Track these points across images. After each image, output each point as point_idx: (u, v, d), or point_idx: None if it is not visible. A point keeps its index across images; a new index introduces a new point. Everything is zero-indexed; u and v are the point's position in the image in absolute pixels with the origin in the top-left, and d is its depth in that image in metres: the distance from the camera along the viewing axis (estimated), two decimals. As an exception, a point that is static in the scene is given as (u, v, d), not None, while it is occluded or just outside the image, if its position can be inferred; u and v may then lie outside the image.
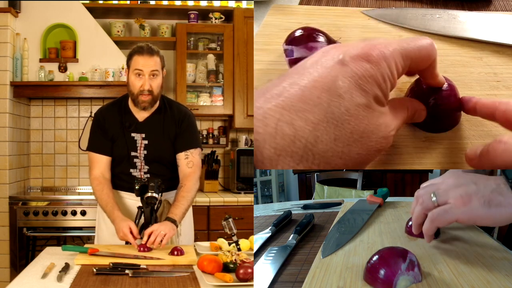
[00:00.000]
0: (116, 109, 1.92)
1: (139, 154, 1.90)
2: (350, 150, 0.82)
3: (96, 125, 1.93)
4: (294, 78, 0.83)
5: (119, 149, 1.90)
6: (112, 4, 3.36)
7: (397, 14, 1.58)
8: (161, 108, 1.92)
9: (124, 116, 1.91)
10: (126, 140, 1.89)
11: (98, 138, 1.92)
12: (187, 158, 1.92)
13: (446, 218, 0.95)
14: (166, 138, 1.91)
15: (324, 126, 0.79)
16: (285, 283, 1.01)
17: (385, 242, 1.17)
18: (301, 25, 1.32)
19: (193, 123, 1.97)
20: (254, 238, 1.42)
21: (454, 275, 0.91)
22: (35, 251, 2.96)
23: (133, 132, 1.90)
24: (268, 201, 5.34)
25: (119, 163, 1.92)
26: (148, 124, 1.90)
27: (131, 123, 1.90)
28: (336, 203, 1.92)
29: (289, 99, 0.79)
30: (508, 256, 1.01)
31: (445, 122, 1.10)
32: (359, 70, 0.85)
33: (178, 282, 1.35)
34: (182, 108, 1.99)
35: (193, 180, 1.90)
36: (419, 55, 0.94)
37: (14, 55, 3.06)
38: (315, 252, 1.15)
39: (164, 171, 1.92)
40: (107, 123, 1.91)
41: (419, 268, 0.90)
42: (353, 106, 0.82)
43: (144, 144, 1.90)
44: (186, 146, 1.92)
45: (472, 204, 0.93)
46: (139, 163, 1.90)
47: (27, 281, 1.35)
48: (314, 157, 0.79)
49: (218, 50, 3.40)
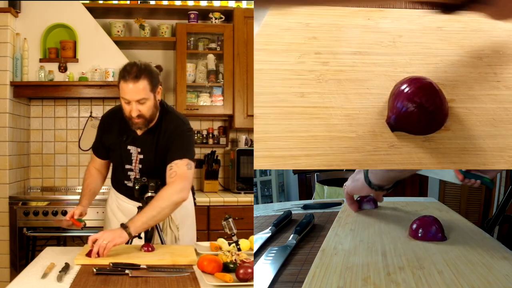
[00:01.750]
0: (118, 118, 1.88)
1: (134, 167, 1.89)
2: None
3: (100, 130, 1.97)
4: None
5: (115, 159, 1.95)
6: (112, 4, 3.36)
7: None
8: (158, 123, 1.85)
9: (123, 127, 1.87)
10: (121, 152, 1.89)
11: (99, 143, 1.98)
12: (171, 169, 1.80)
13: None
14: (159, 152, 1.85)
15: None
16: (285, 283, 1.01)
17: (385, 242, 1.17)
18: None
19: (183, 134, 1.85)
20: (254, 238, 1.42)
21: (454, 275, 0.91)
22: (35, 251, 2.96)
23: (129, 145, 1.88)
24: (268, 201, 5.34)
25: (117, 172, 1.97)
26: (144, 139, 1.86)
27: (128, 135, 1.87)
28: (336, 203, 1.92)
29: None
30: (508, 256, 1.01)
31: (430, 123, 1.10)
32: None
33: (178, 282, 1.35)
34: (173, 119, 1.88)
35: (168, 190, 1.75)
36: None
37: (14, 55, 3.06)
38: (315, 252, 1.15)
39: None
40: (107, 131, 1.92)
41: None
42: None
43: (139, 159, 1.88)
44: (172, 157, 1.81)
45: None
46: (133, 176, 1.90)
47: (27, 281, 1.35)
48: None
49: (218, 50, 3.39)
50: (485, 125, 1.13)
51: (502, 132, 1.11)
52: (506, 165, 1.04)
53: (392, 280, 0.91)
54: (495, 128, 1.12)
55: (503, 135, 1.11)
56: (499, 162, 1.05)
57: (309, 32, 1.51)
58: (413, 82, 1.12)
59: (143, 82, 1.73)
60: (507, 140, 1.09)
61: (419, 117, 1.10)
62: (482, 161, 1.05)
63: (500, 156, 1.06)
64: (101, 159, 2.00)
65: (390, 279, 0.91)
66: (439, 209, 1.61)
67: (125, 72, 1.75)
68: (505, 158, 1.05)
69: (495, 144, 1.08)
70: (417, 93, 1.10)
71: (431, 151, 1.07)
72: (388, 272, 0.95)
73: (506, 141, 1.09)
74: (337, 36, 1.42)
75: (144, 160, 1.87)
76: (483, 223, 2.65)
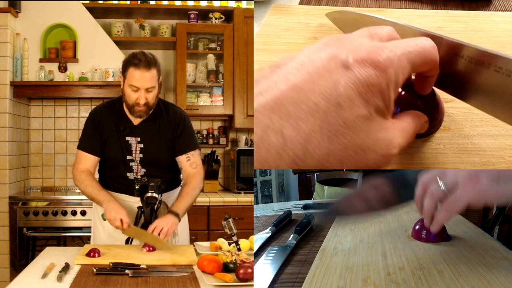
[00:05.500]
0: (111, 111, 1.89)
1: (135, 158, 1.88)
2: (342, 166, 0.72)
3: (93, 125, 1.89)
4: (287, 70, 0.73)
5: (114, 152, 1.88)
6: (112, 4, 3.36)
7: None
8: (157, 111, 1.88)
9: (119, 119, 1.88)
10: (121, 144, 1.87)
11: (92, 138, 1.89)
12: (189, 160, 1.91)
13: (459, 205, 0.88)
14: (162, 141, 1.89)
15: (317, 138, 0.69)
16: (285, 283, 1.01)
17: (385, 242, 1.17)
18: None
19: (189, 124, 1.95)
20: (254, 238, 1.42)
21: (454, 275, 0.91)
22: (35, 251, 2.96)
23: (128, 136, 1.88)
24: (268, 201, 5.34)
25: (116, 167, 1.90)
26: (143, 128, 1.88)
27: (126, 126, 1.87)
28: (336, 203, 1.92)
29: (280, 100, 0.69)
30: (508, 256, 1.01)
31: (428, 126, 1.08)
32: (363, 76, 0.74)
33: (178, 282, 1.35)
34: (177, 110, 1.96)
35: (198, 179, 1.91)
36: (422, 59, 0.84)
37: (14, 55, 3.06)
38: (315, 252, 1.15)
39: (161, 173, 1.90)
40: (103, 125, 1.88)
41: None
42: (351, 117, 0.72)
43: (139, 148, 1.88)
44: (186, 148, 1.91)
45: (481, 183, 0.85)
46: (135, 166, 1.89)
47: (27, 281, 1.35)
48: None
49: (218, 50, 3.40)
50: (485, 125, 1.13)
51: (502, 132, 1.11)
52: (506, 165, 1.04)
53: (392, 280, 0.91)
54: (495, 128, 1.12)
55: (503, 135, 1.11)
56: (499, 162, 1.05)
57: (309, 32, 1.51)
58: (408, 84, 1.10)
59: (153, 70, 1.78)
60: (507, 140, 1.09)
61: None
62: (482, 161, 1.05)
63: (500, 156, 1.06)
64: (95, 156, 1.89)
65: (390, 279, 0.91)
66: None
67: (136, 59, 1.76)
68: (505, 158, 1.05)
69: (495, 144, 1.08)
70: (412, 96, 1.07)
71: (431, 151, 1.07)
72: (388, 272, 0.95)
73: (506, 141, 1.09)
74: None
75: (144, 149, 1.88)
76: (483, 223, 2.65)
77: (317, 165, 0.70)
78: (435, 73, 0.93)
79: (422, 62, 0.85)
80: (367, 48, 0.78)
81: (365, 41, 0.82)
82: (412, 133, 0.89)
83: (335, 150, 0.71)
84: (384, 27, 0.91)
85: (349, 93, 0.72)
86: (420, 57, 0.83)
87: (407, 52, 0.81)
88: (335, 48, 0.77)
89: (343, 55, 0.75)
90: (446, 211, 0.91)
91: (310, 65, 0.74)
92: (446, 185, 0.91)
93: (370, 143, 0.74)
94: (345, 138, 0.71)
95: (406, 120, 0.88)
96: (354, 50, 0.77)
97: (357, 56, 0.75)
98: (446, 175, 0.91)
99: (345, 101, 0.72)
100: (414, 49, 0.82)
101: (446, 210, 0.91)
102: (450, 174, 0.91)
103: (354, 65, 0.74)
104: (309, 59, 0.76)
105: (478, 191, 0.86)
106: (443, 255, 1.03)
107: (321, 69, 0.74)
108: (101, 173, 1.98)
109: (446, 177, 0.91)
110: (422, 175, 0.98)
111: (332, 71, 0.73)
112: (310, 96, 0.70)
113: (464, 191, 0.87)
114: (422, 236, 1.14)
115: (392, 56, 0.78)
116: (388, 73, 0.76)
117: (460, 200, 0.88)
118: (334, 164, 0.71)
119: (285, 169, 0.73)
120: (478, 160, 1.05)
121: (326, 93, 0.71)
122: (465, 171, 0.89)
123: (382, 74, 0.76)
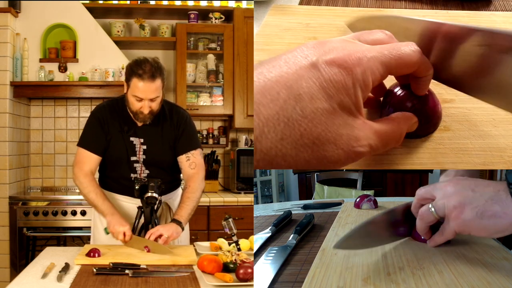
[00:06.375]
0: (114, 111, 1.87)
1: (139, 159, 1.87)
2: (297, 154, 0.77)
3: (98, 125, 1.85)
4: (265, 68, 0.81)
5: (118, 152, 1.86)
6: (112, 4, 3.36)
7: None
8: (160, 115, 1.86)
9: (122, 119, 1.86)
10: (125, 144, 1.85)
11: (97, 137, 1.85)
12: (189, 159, 1.90)
13: (447, 235, 1.00)
14: (166, 143, 1.88)
15: (273, 123, 0.76)
16: (285, 283, 1.01)
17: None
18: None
19: (191, 124, 1.94)
20: (254, 238, 1.42)
21: (454, 275, 0.91)
22: (35, 251, 2.96)
23: (132, 136, 1.86)
24: (268, 201, 5.34)
25: (118, 167, 1.88)
26: (146, 129, 1.86)
27: (129, 127, 1.86)
28: (336, 203, 1.92)
29: (255, 90, 0.78)
30: (508, 256, 1.01)
31: (424, 127, 1.08)
32: (328, 74, 0.81)
33: (178, 282, 1.35)
34: (180, 111, 1.95)
35: (197, 181, 1.90)
36: (399, 62, 0.90)
37: (14, 55, 3.06)
38: (315, 252, 1.15)
39: (164, 174, 1.90)
40: (108, 124, 1.85)
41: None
42: (311, 108, 0.78)
43: (143, 149, 1.87)
44: (187, 148, 1.90)
45: (465, 215, 0.93)
46: (139, 167, 1.88)
47: (27, 281, 1.35)
48: (257, 154, 0.76)
49: (218, 50, 3.40)
50: (485, 125, 1.13)
51: (502, 132, 1.11)
52: (506, 165, 1.04)
53: (392, 280, 0.91)
54: (495, 128, 1.12)
55: (503, 135, 1.10)
56: (499, 162, 1.05)
57: (309, 32, 1.51)
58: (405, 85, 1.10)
59: (158, 81, 1.75)
60: (507, 140, 1.09)
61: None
62: (482, 161, 1.05)
63: (500, 156, 1.06)
64: (98, 155, 1.86)
65: (390, 279, 0.91)
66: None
67: (140, 70, 1.72)
68: (505, 158, 1.05)
69: (495, 144, 1.08)
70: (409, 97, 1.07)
71: (431, 151, 1.07)
72: (388, 272, 0.95)
73: (506, 141, 1.09)
74: (337, 36, 1.42)
75: (148, 150, 1.87)
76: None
77: (271, 147, 0.76)
78: (426, 73, 0.97)
79: (398, 65, 0.90)
80: (338, 50, 0.85)
81: (342, 45, 0.88)
82: (394, 136, 0.93)
83: (290, 135, 0.77)
84: (377, 31, 0.98)
85: (311, 86, 0.79)
86: (396, 60, 0.89)
87: (381, 55, 0.87)
88: (312, 51, 0.85)
89: (314, 57, 0.83)
90: (440, 236, 1.04)
91: (284, 65, 0.82)
92: (437, 211, 1.00)
93: (330, 136, 0.80)
94: (301, 127, 0.77)
95: (386, 123, 0.92)
96: (325, 52, 0.84)
97: (326, 57, 0.83)
98: (438, 202, 0.99)
99: (306, 94, 0.79)
100: (390, 52, 0.89)
101: (440, 235, 1.04)
102: (441, 201, 0.99)
103: (321, 65, 0.82)
104: (285, 61, 0.83)
105: (462, 221, 0.94)
106: (443, 255, 1.03)
107: (292, 68, 0.81)
108: (101, 173, 1.96)
109: (438, 204, 0.99)
110: (420, 189, 1.07)
111: (301, 69, 0.81)
112: (274, 86, 0.78)
113: (450, 221, 0.97)
114: (422, 237, 1.14)
115: (362, 57, 0.85)
116: (355, 73, 0.83)
117: (445, 232, 1.00)
118: (289, 150, 0.77)
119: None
120: (478, 160, 1.05)
121: (289, 85, 0.79)
122: (453, 199, 0.96)
123: (348, 72, 0.82)
